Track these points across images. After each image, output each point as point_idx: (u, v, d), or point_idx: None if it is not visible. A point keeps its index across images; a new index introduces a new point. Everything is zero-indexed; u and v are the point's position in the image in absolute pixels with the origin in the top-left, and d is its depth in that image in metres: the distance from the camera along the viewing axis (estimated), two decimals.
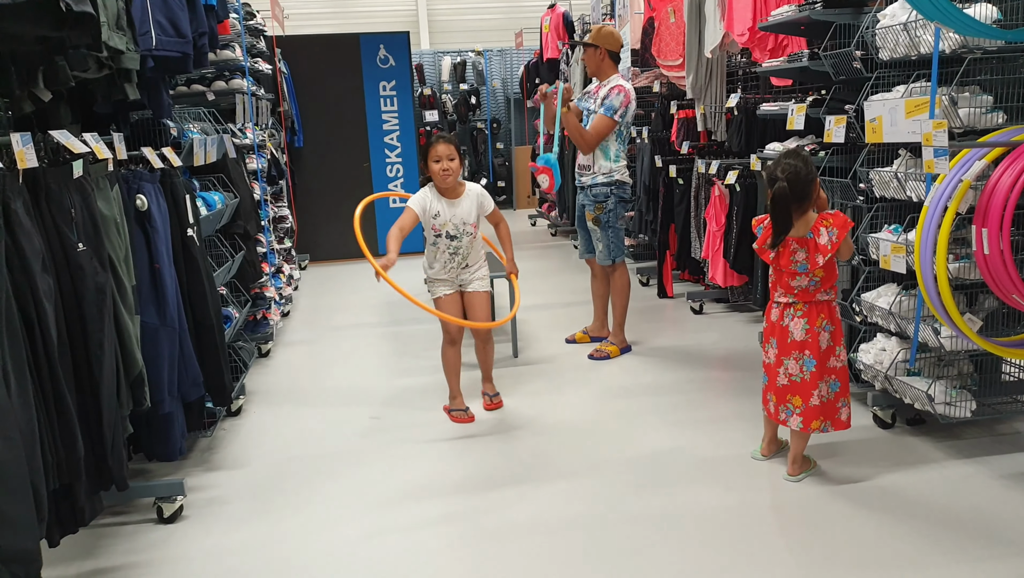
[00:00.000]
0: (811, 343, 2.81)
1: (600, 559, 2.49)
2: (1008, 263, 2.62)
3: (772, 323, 2.90)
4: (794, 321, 2.83)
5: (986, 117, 2.88)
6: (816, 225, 2.74)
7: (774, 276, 2.89)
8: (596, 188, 4.33)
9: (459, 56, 11.47)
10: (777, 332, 2.87)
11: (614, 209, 4.35)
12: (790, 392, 2.86)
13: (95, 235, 2.36)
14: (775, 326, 2.88)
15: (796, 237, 2.75)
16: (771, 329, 2.90)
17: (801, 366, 2.82)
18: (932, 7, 2.39)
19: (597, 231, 4.38)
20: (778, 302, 2.88)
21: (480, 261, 3.71)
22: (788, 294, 2.84)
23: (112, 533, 2.80)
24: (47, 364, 2.09)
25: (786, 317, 2.85)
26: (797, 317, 2.83)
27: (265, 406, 4.01)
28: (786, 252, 2.78)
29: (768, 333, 2.92)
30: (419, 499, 2.95)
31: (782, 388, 2.88)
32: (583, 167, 4.43)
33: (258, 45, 5.92)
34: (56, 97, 2.71)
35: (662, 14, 5.66)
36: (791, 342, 2.83)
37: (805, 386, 2.82)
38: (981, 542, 2.49)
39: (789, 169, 2.67)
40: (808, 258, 2.75)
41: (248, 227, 4.38)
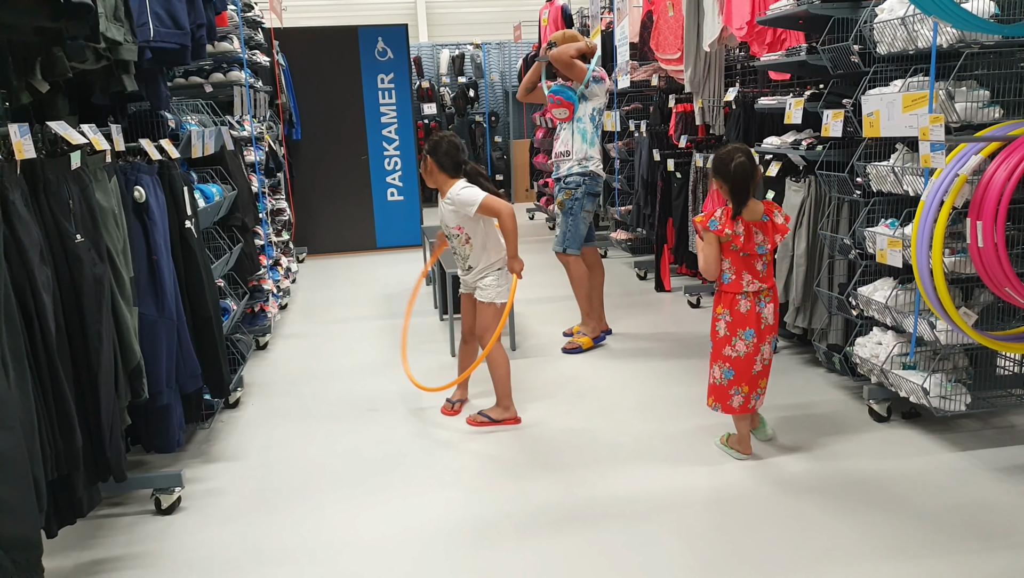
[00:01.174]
0: (775, 325, 3.01)
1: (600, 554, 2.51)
2: (1002, 256, 2.63)
3: (744, 314, 2.93)
4: (766, 307, 2.95)
5: (983, 112, 2.89)
6: (768, 209, 2.93)
7: (736, 265, 2.94)
8: (570, 177, 4.44)
9: (457, 49, 11.44)
10: (753, 321, 2.93)
11: (581, 199, 4.44)
12: (761, 377, 2.99)
13: (93, 227, 2.36)
14: (749, 316, 2.93)
15: (753, 222, 2.89)
16: (743, 320, 2.93)
17: (771, 349, 3.01)
18: (930, 1, 2.39)
19: (559, 216, 4.51)
20: (746, 292, 2.93)
21: (486, 268, 3.48)
22: (755, 280, 2.93)
23: (110, 524, 2.81)
24: (45, 355, 2.10)
25: (758, 305, 2.94)
26: (767, 302, 2.95)
27: (263, 398, 4.02)
28: (749, 237, 2.88)
29: (739, 325, 2.94)
30: (417, 490, 2.97)
31: (755, 375, 2.98)
32: (561, 153, 4.49)
33: (256, 37, 5.91)
34: (54, 88, 2.70)
35: (660, 8, 5.65)
36: (766, 327, 2.96)
37: (769, 366, 3.01)
38: (975, 534, 2.51)
39: (745, 152, 2.88)
40: (767, 239, 2.90)
41: (246, 219, 4.38)
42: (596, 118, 4.44)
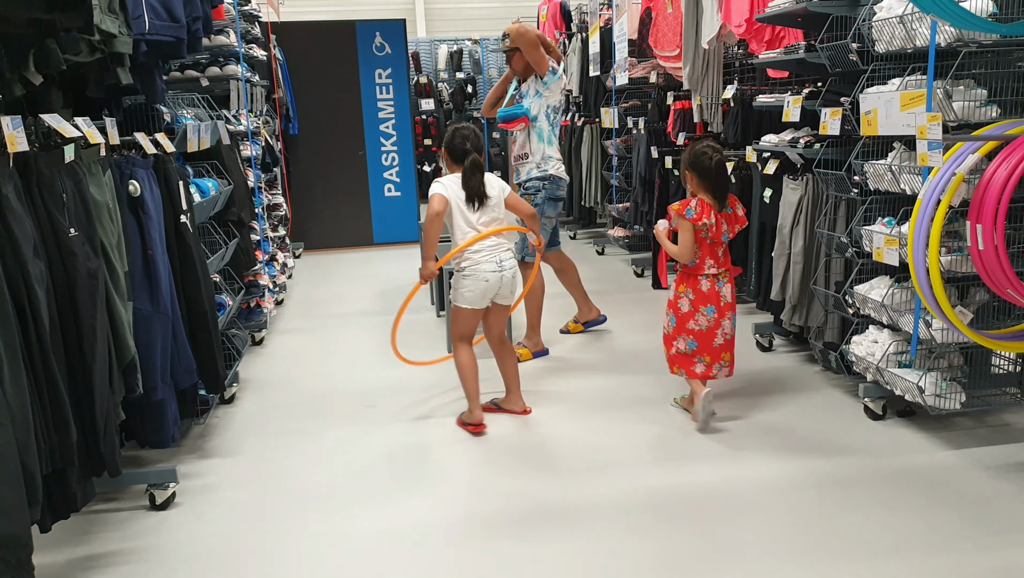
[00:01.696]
0: (733, 304, 3.37)
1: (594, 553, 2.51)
2: (1002, 258, 2.63)
3: (705, 293, 3.29)
4: (724, 287, 3.32)
5: (980, 111, 2.88)
6: (731, 202, 3.31)
7: (703, 251, 3.28)
8: (529, 182, 4.40)
9: (456, 44, 11.42)
10: (713, 299, 3.29)
11: (542, 205, 4.36)
12: (723, 349, 3.35)
13: (87, 220, 2.35)
14: (710, 295, 3.29)
15: (721, 213, 3.27)
16: (705, 298, 3.29)
17: (732, 325, 3.35)
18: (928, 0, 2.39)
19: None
20: (707, 274, 3.29)
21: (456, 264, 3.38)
22: (716, 264, 3.29)
23: (104, 519, 2.80)
24: (39, 349, 2.09)
25: (717, 285, 3.31)
26: (725, 284, 3.33)
27: (258, 394, 4.01)
28: (719, 226, 3.26)
29: (700, 302, 3.30)
30: (413, 487, 2.96)
31: (718, 347, 3.33)
32: (519, 156, 4.45)
33: (253, 31, 5.88)
34: (47, 81, 2.68)
35: (659, 4, 5.64)
36: (725, 305, 3.31)
37: (732, 341, 3.38)
38: (969, 532, 2.51)
39: (718, 149, 3.25)
40: (729, 229, 3.30)
41: (242, 214, 4.37)
42: (552, 116, 4.36)
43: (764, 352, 4.32)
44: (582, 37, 7.70)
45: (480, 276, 3.32)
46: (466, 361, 3.40)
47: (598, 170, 7.61)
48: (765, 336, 4.36)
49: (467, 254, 3.33)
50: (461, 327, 3.41)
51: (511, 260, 3.40)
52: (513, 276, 3.42)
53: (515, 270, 3.43)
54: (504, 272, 3.36)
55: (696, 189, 3.28)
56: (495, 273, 3.33)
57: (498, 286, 3.36)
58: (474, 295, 3.34)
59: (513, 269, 3.41)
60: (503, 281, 3.36)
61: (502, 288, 3.39)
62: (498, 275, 3.33)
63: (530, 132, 4.36)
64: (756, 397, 3.69)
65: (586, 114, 7.70)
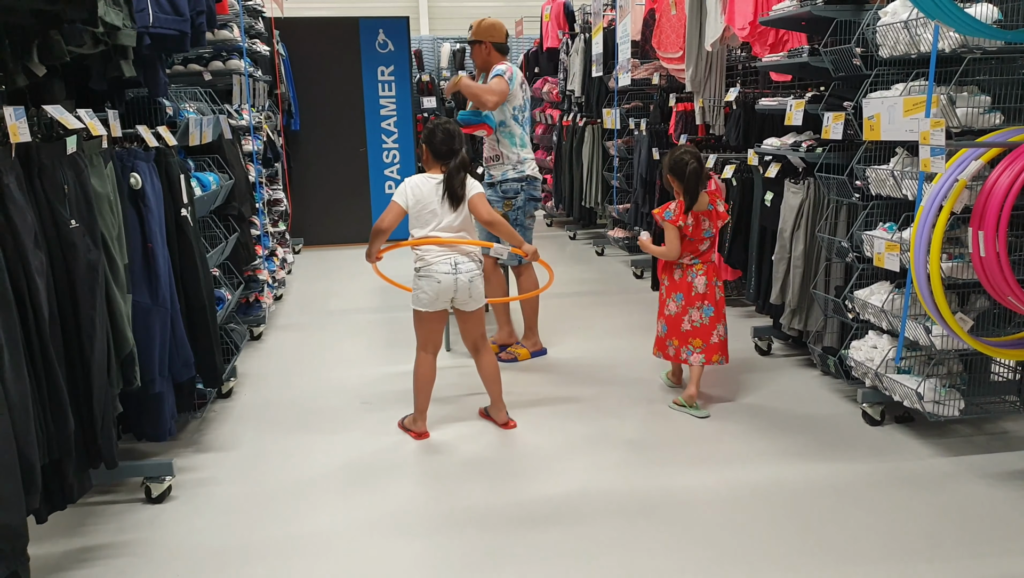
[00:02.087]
0: (709, 295, 3.55)
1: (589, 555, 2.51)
2: (1004, 266, 2.63)
3: (676, 281, 3.59)
4: (697, 278, 3.54)
5: (984, 117, 2.88)
6: (712, 200, 3.52)
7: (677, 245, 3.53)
8: (506, 184, 4.26)
9: (458, 43, 11.40)
10: (683, 288, 3.56)
11: (523, 207, 4.30)
12: (691, 336, 3.56)
13: (88, 212, 2.35)
14: (681, 283, 3.57)
15: (701, 211, 3.48)
16: (676, 286, 3.59)
17: (702, 314, 3.55)
18: (933, 5, 2.39)
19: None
20: (681, 264, 3.57)
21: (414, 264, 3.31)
22: (693, 257, 3.55)
23: (100, 512, 2.80)
24: (38, 340, 2.08)
25: (690, 275, 3.55)
26: (699, 275, 3.54)
27: (256, 389, 4.00)
28: (697, 224, 3.48)
29: (672, 290, 3.60)
30: (409, 483, 2.96)
31: (685, 333, 3.58)
32: (490, 159, 4.34)
33: (256, 26, 5.87)
34: (50, 72, 2.67)
35: (663, 6, 5.64)
36: (695, 295, 3.54)
37: (705, 329, 3.54)
38: (967, 539, 2.51)
39: (695, 156, 3.42)
40: (711, 224, 3.52)
41: (242, 209, 4.36)
42: (519, 117, 4.26)
43: (763, 356, 4.32)
44: (585, 37, 7.69)
45: (434, 277, 3.19)
46: (422, 371, 3.31)
47: (599, 171, 7.60)
48: (764, 340, 4.36)
49: (420, 254, 3.22)
50: (423, 334, 3.29)
51: (468, 264, 3.23)
52: (470, 281, 3.22)
53: (473, 275, 3.23)
54: (459, 275, 3.19)
55: (677, 193, 3.51)
56: (448, 276, 3.18)
57: (452, 290, 3.20)
58: (428, 297, 3.21)
59: (471, 274, 3.22)
60: (458, 285, 3.19)
61: (458, 292, 3.21)
62: (451, 277, 3.18)
63: (499, 136, 4.26)
64: (754, 401, 3.69)
65: (588, 114, 7.69)
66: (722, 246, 4.86)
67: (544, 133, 9.49)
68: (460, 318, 3.38)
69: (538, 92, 9.58)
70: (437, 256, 3.21)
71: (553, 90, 9.04)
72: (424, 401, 3.35)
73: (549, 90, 9.17)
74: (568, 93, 8.25)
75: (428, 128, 3.33)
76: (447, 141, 3.26)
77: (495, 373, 3.43)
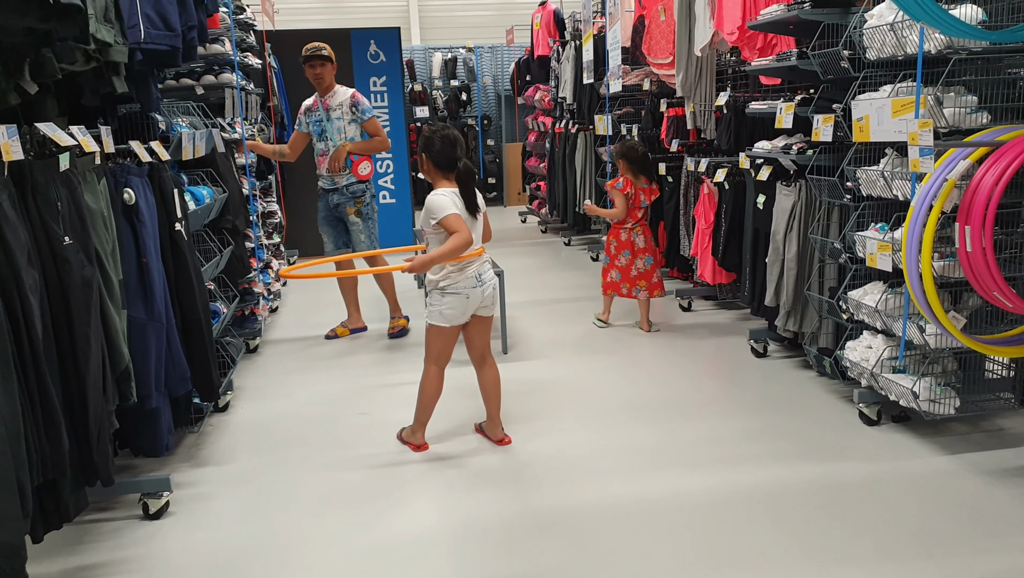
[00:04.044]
0: (648, 248, 4.88)
1: (590, 559, 2.51)
2: (990, 260, 2.65)
3: (623, 241, 4.90)
4: (638, 237, 4.87)
5: (971, 117, 2.91)
6: (645, 180, 4.84)
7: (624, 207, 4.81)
8: (352, 185, 4.86)
9: (450, 52, 11.44)
10: (628, 245, 4.89)
11: (370, 202, 4.97)
12: (638, 279, 4.88)
13: (82, 229, 2.35)
14: (627, 243, 4.89)
15: (639, 187, 4.81)
16: (623, 245, 4.90)
17: (644, 262, 4.87)
18: (918, 8, 2.41)
19: (359, 223, 4.92)
20: (625, 229, 4.87)
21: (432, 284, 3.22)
22: (635, 223, 4.85)
23: (97, 529, 2.78)
24: (32, 358, 2.08)
25: (632, 236, 4.87)
26: (639, 235, 4.87)
27: (252, 402, 4.00)
28: (636, 195, 4.81)
29: (620, 248, 4.91)
30: (406, 494, 2.96)
31: (633, 277, 4.89)
32: (334, 168, 4.80)
33: (248, 39, 5.89)
34: (42, 89, 2.68)
35: (652, 12, 5.67)
36: (638, 249, 4.86)
37: (648, 273, 4.88)
38: (964, 537, 2.52)
39: (641, 144, 4.97)
40: (645, 197, 4.85)
41: (236, 222, 4.36)
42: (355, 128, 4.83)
43: (759, 358, 4.33)
44: (576, 45, 7.73)
45: (462, 293, 3.14)
46: (433, 385, 3.27)
47: (592, 177, 7.63)
48: (760, 342, 4.37)
49: (449, 272, 3.13)
50: (439, 348, 3.23)
51: (490, 272, 3.24)
52: (494, 288, 3.24)
53: (495, 282, 3.26)
54: (484, 286, 3.17)
55: (624, 171, 4.83)
56: (476, 289, 3.15)
57: (479, 300, 3.18)
58: (455, 313, 3.16)
59: (493, 281, 3.24)
60: (484, 295, 3.18)
61: (484, 301, 3.20)
62: (479, 290, 3.16)
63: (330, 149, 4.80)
64: (750, 403, 3.70)
65: (580, 121, 7.72)
66: (716, 250, 4.88)
67: (537, 140, 9.52)
68: (472, 327, 3.28)
69: (530, 100, 9.61)
70: (466, 271, 3.15)
71: (545, 97, 9.08)
72: (427, 415, 3.33)
73: (541, 97, 9.20)
74: (560, 100, 8.28)
75: (425, 135, 3.17)
76: (446, 150, 3.12)
77: (497, 388, 3.36)
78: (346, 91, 4.83)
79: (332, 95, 4.80)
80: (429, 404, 3.30)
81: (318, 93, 4.85)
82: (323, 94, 4.82)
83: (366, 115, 4.81)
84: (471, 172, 3.16)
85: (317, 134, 4.88)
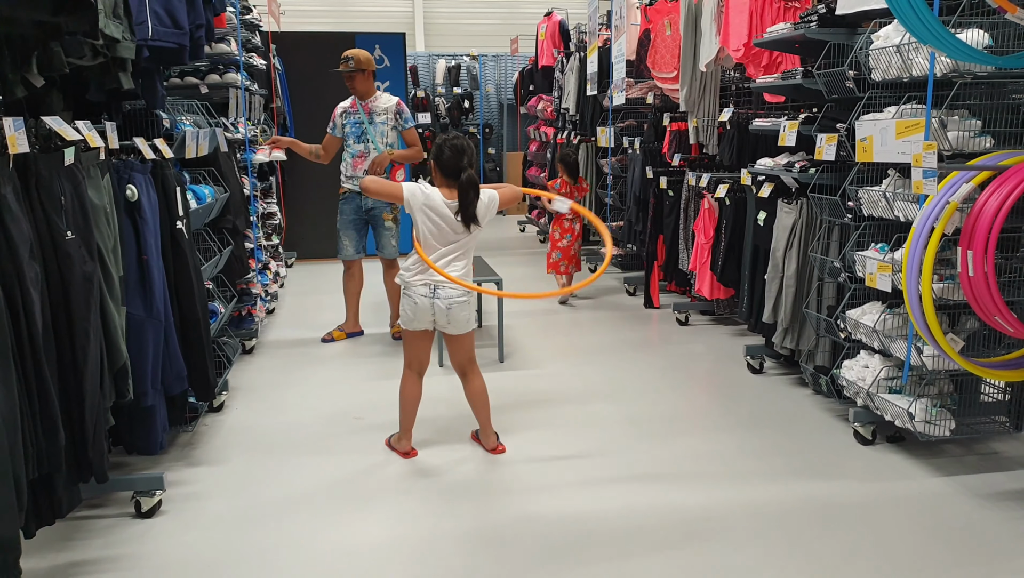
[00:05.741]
0: (580, 234, 6.21)
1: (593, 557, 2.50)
2: (992, 285, 2.66)
3: (564, 228, 6.14)
4: (575, 225, 6.15)
5: (974, 141, 2.93)
6: (580, 180, 6.32)
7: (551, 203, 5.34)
8: None
9: (454, 60, 11.48)
10: (570, 231, 6.14)
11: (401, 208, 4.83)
12: (574, 260, 6.20)
13: (84, 224, 2.34)
14: (568, 229, 6.14)
15: (574, 186, 6.20)
16: (564, 232, 6.14)
17: (578, 246, 6.21)
18: (925, 30, 2.43)
19: (393, 228, 5.02)
20: (567, 219, 6.11)
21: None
22: (573, 214, 5.93)
23: (88, 526, 2.76)
24: (31, 352, 2.07)
25: (572, 225, 6.14)
26: (575, 223, 6.15)
27: (247, 403, 3.98)
28: (571, 193, 6.13)
29: (563, 233, 6.14)
30: (400, 497, 2.94)
31: (570, 257, 6.16)
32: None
33: (253, 40, 5.90)
34: (49, 83, 2.68)
35: (658, 26, 5.70)
36: (573, 236, 6.13)
37: (574, 256, 6.19)
38: (956, 560, 2.51)
39: (576, 153, 6.54)
40: (579, 194, 6.29)
41: (237, 222, 4.36)
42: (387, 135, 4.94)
43: (754, 374, 4.34)
44: (580, 56, 7.76)
45: (412, 297, 3.15)
46: (407, 390, 3.29)
47: (593, 188, 7.64)
48: (756, 358, 4.38)
49: (403, 270, 3.19)
50: (410, 352, 3.27)
51: (449, 291, 3.13)
52: (448, 307, 3.12)
53: (452, 301, 3.13)
54: (436, 300, 3.11)
55: (562, 174, 6.17)
56: (425, 299, 3.12)
57: (429, 312, 3.13)
58: (406, 316, 3.18)
59: (449, 301, 3.12)
60: (435, 309, 3.12)
61: (436, 316, 3.14)
62: (428, 301, 3.11)
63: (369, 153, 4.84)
64: (745, 419, 3.70)
65: (582, 132, 7.74)
66: (715, 265, 4.89)
67: (538, 151, 9.54)
68: (447, 339, 3.30)
69: (532, 110, 9.64)
70: (418, 276, 3.15)
71: (547, 108, 9.10)
72: (408, 420, 3.32)
73: (544, 108, 9.23)
74: (563, 111, 8.31)
75: (436, 143, 3.18)
76: (453, 159, 3.10)
77: (483, 398, 3.34)
78: (390, 98, 4.94)
79: (374, 99, 4.87)
80: (406, 409, 3.30)
81: (358, 97, 4.88)
82: (363, 98, 4.87)
83: (407, 124, 4.92)
84: (472, 183, 3.08)
85: (356, 136, 4.88)
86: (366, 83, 4.83)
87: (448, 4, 12.64)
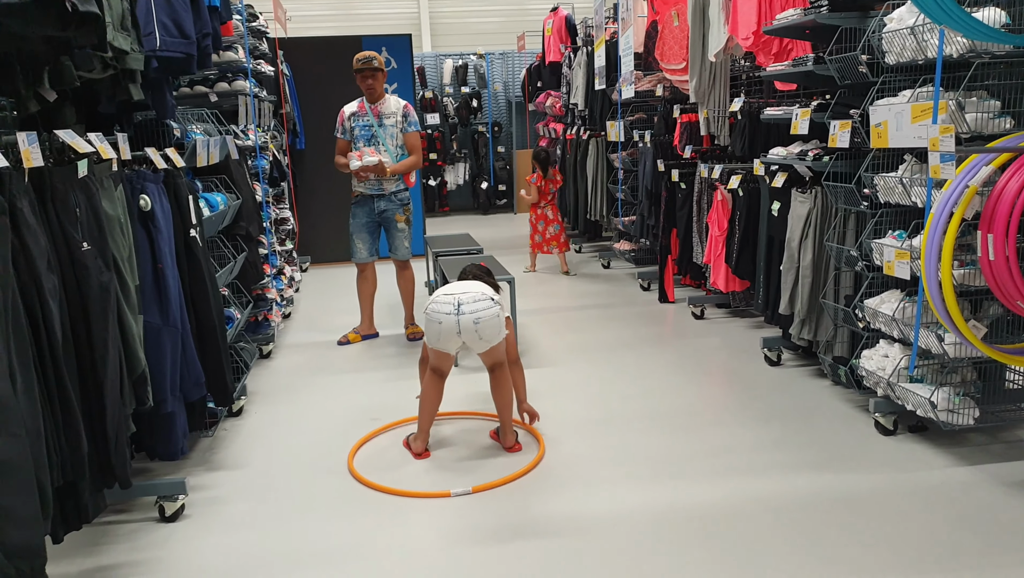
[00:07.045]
0: (555, 219, 6.90)
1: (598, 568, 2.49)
2: (1013, 269, 2.62)
3: (539, 214, 6.90)
4: (548, 211, 6.88)
5: (993, 122, 2.87)
6: (554, 173, 6.94)
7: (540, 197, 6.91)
8: (400, 193, 5.00)
9: (461, 59, 11.47)
10: (544, 218, 6.89)
11: (412, 209, 5.17)
12: (553, 240, 6.91)
13: (99, 235, 2.36)
14: (542, 216, 6.89)
15: (548, 179, 6.86)
16: (539, 217, 6.91)
17: (553, 229, 6.89)
18: (940, 11, 2.39)
19: (406, 230, 5.04)
20: (540, 207, 6.87)
21: None
22: (546, 203, 6.87)
23: (114, 531, 2.79)
24: (52, 362, 2.09)
25: (545, 211, 6.87)
26: (548, 210, 6.88)
27: (266, 407, 4.00)
28: (547, 185, 6.86)
29: (539, 220, 6.92)
30: (417, 503, 2.94)
31: (549, 238, 6.91)
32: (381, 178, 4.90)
33: (261, 47, 5.92)
34: (61, 97, 2.70)
35: (665, 17, 5.66)
36: (549, 220, 6.87)
37: (557, 236, 6.91)
38: (981, 550, 2.48)
39: (548, 151, 7.10)
40: (554, 185, 6.94)
41: (250, 228, 4.38)
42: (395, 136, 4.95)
43: (772, 366, 4.30)
44: (588, 50, 7.73)
45: (433, 318, 3.15)
46: (427, 392, 3.29)
47: (604, 183, 7.61)
48: (774, 350, 4.34)
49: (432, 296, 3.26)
50: (431, 359, 3.30)
51: (474, 304, 3.13)
52: (476, 321, 3.11)
53: (479, 315, 3.12)
54: (461, 317, 3.10)
55: (536, 168, 6.84)
56: (450, 317, 3.11)
57: (455, 332, 3.11)
58: (430, 337, 3.21)
59: (476, 315, 3.11)
60: (462, 327, 3.10)
61: (464, 335, 3.12)
62: (453, 319, 3.10)
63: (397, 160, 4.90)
64: (764, 412, 3.67)
65: (592, 127, 7.71)
66: (729, 257, 4.85)
67: (548, 147, 9.52)
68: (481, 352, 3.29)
69: (541, 106, 9.62)
70: (443, 296, 3.18)
71: (556, 103, 9.08)
72: (426, 421, 3.32)
73: (552, 103, 9.20)
74: (571, 106, 8.28)
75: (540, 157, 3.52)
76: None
77: (508, 397, 3.32)
78: (398, 101, 4.95)
79: (383, 102, 4.89)
80: (425, 410, 3.31)
81: (367, 100, 4.90)
82: (373, 101, 4.89)
83: (410, 128, 4.92)
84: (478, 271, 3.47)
85: (366, 139, 4.90)
86: (382, 84, 4.88)
87: (454, 3, 12.63)
